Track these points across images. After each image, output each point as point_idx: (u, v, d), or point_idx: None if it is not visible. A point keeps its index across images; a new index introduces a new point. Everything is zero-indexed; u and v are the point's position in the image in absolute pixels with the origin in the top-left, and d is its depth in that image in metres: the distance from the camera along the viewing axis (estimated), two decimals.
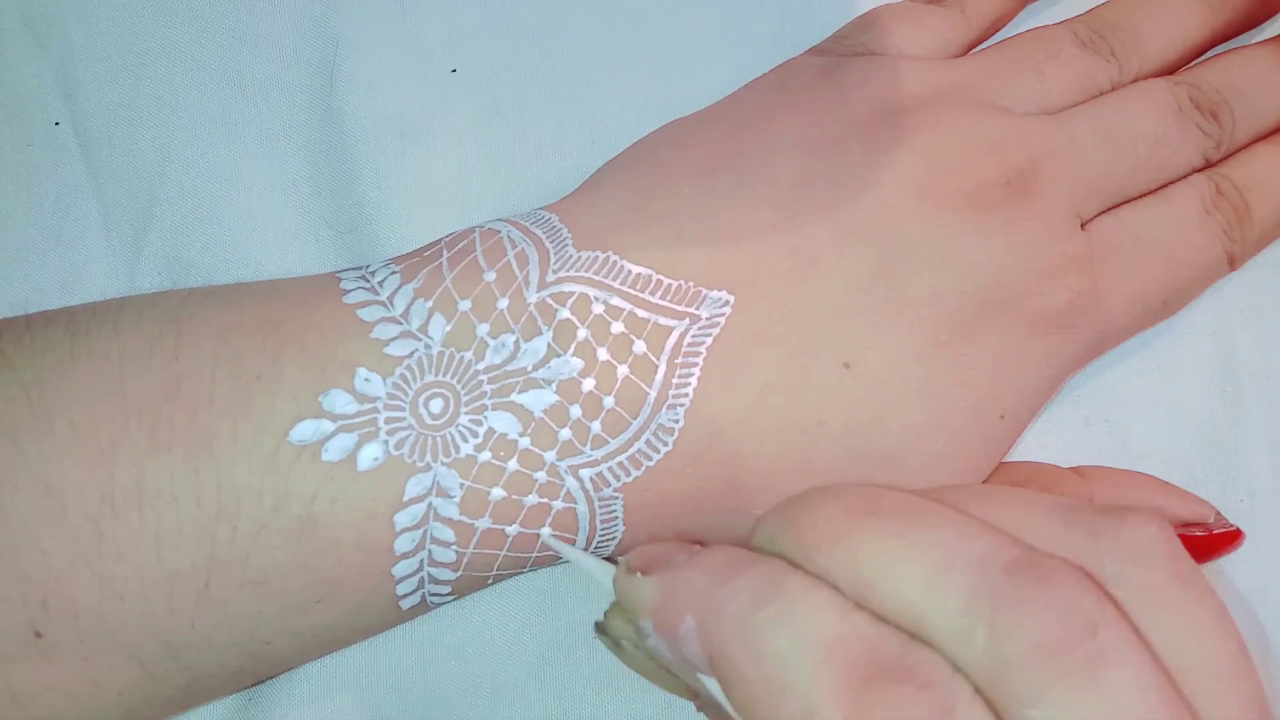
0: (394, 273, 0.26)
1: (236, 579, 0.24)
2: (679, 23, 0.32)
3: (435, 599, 0.26)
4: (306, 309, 0.25)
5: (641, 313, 0.25)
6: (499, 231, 0.26)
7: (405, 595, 0.25)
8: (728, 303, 0.26)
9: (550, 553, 0.26)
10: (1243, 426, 0.31)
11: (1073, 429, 0.31)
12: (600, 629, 0.22)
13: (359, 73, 0.32)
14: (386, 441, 0.24)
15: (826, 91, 0.28)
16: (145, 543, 0.23)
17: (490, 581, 0.26)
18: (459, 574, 0.25)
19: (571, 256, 0.26)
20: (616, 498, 0.25)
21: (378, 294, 0.25)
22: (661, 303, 0.25)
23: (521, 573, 0.26)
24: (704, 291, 0.26)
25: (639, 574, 0.21)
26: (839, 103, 0.28)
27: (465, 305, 0.25)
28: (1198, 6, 0.31)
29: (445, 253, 0.26)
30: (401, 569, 0.24)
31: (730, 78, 0.30)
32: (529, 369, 0.25)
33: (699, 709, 0.23)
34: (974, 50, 0.31)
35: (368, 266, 0.27)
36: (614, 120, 0.32)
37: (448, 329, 0.25)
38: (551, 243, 0.26)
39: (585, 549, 0.26)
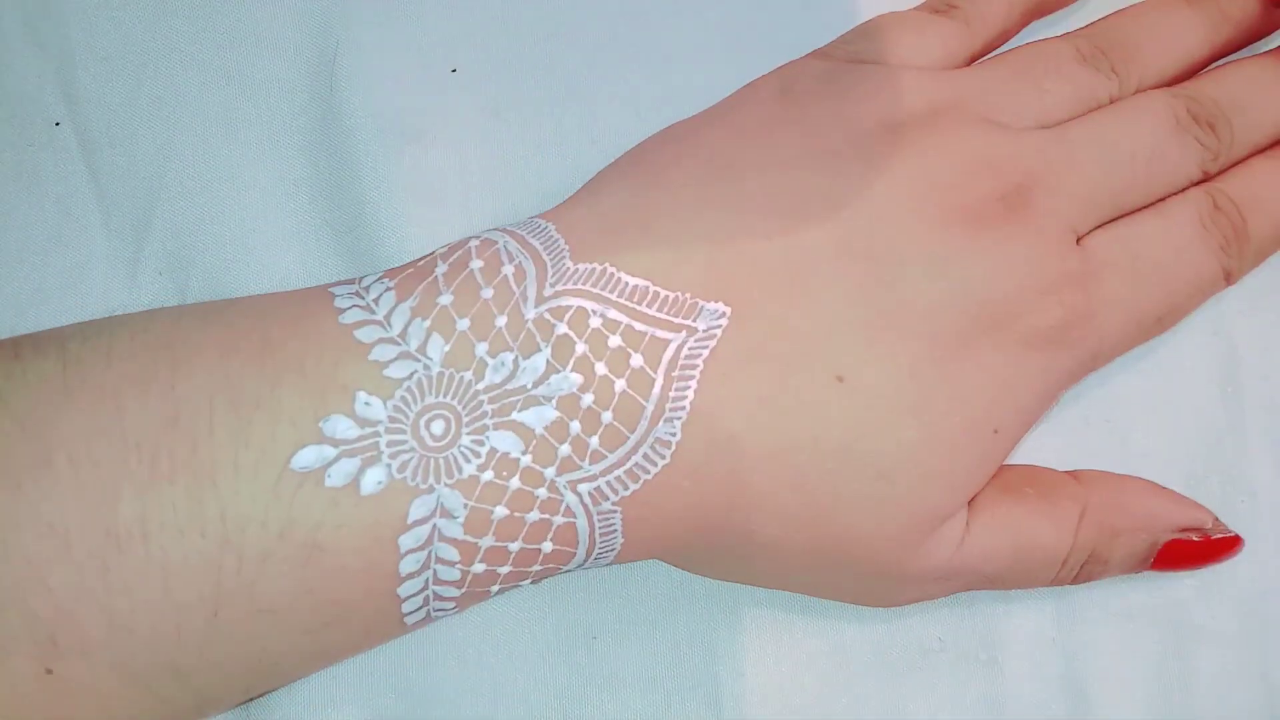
0: (389, 289, 0.26)
1: (244, 607, 0.24)
2: (679, 22, 0.32)
3: (439, 613, 0.26)
4: (303, 329, 0.25)
5: (639, 325, 0.25)
6: (496, 243, 0.26)
7: (410, 613, 0.25)
8: (724, 315, 0.25)
9: (551, 565, 0.26)
10: (1243, 427, 0.31)
11: (1073, 429, 0.31)
12: None
13: (359, 72, 0.32)
14: (389, 465, 0.24)
15: (826, 102, 0.28)
16: (152, 576, 0.23)
17: (494, 593, 0.26)
18: (463, 590, 0.25)
19: (568, 269, 0.26)
20: (615, 511, 0.25)
21: (374, 312, 0.25)
22: (659, 315, 0.25)
23: (521, 585, 0.26)
24: (700, 303, 0.25)
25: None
26: (838, 114, 0.28)
27: (464, 324, 0.25)
28: (1200, 23, 0.31)
29: (440, 265, 0.26)
30: (407, 589, 0.24)
31: (730, 78, 0.30)
32: (529, 386, 0.25)
33: None
34: (977, 62, 0.31)
35: (361, 280, 0.26)
36: (614, 120, 0.32)
37: (446, 349, 0.25)
38: (549, 254, 0.26)
39: (585, 560, 0.26)
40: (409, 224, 0.31)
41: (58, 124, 0.32)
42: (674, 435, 0.25)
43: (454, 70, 0.32)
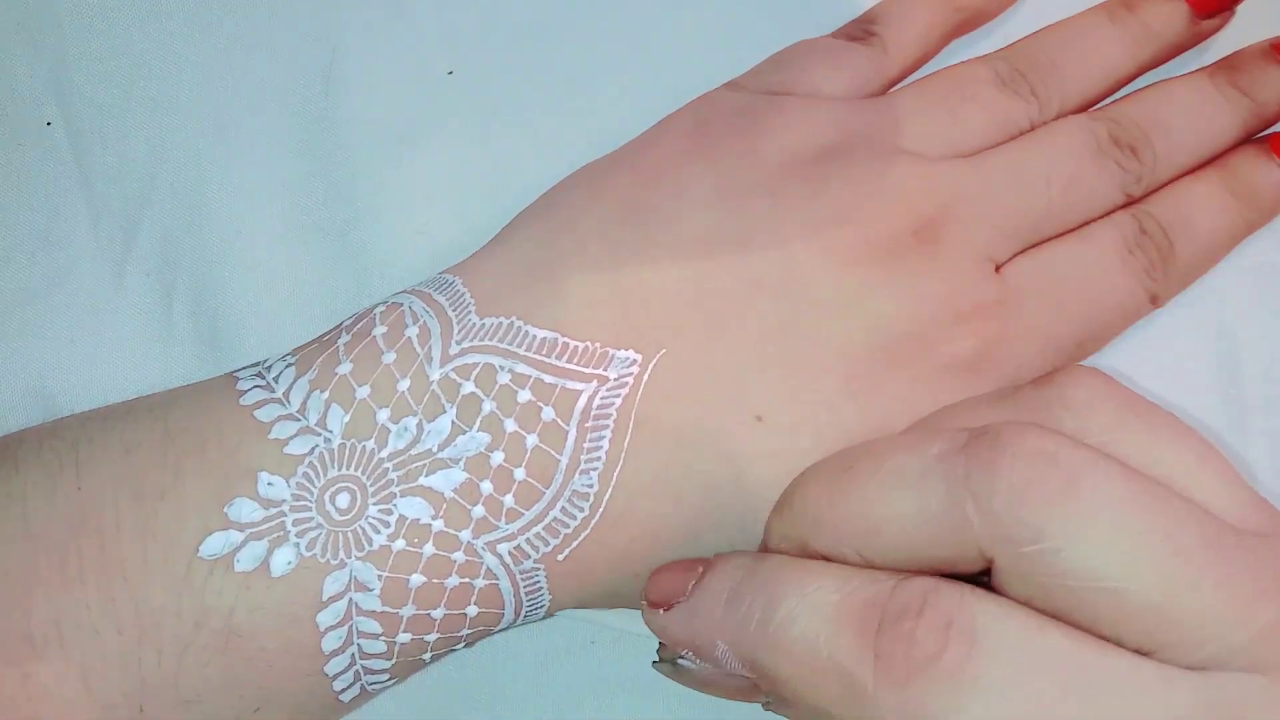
0: (289, 365, 0.26)
1: (170, 699, 0.23)
2: (677, 22, 0.32)
3: (375, 686, 0.25)
4: (203, 416, 0.25)
5: (548, 378, 0.25)
6: (401, 305, 0.26)
7: (343, 690, 0.25)
8: (635, 362, 0.25)
9: (481, 628, 0.25)
10: (1245, 430, 0.30)
11: None
12: (659, 661, 0.25)
13: (354, 74, 0.32)
14: (297, 544, 0.24)
15: (737, 137, 0.28)
16: (72, 678, 0.23)
17: (429, 661, 0.26)
18: (393, 661, 0.25)
19: (474, 325, 0.25)
20: (538, 568, 0.25)
21: (274, 390, 0.25)
22: (568, 366, 0.25)
23: (457, 649, 0.26)
24: (611, 352, 0.25)
25: (660, 611, 0.24)
26: (749, 150, 0.28)
27: (363, 392, 0.25)
28: (1123, 39, 0.30)
29: (343, 336, 0.26)
30: (333, 666, 0.24)
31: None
32: (434, 450, 0.25)
33: (767, 708, 0.24)
34: (893, 89, 0.31)
35: (265, 362, 0.26)
36: (611, 121, 0.31)
37: (346, 420, 0.25)
38: (454, 311, 0.26)
39: (513, 620, 0.26)
40: (402, 227, 0.31)
41: (49, 124, 0.31)
42: (591, 486, 0.25)
43: (450, 72, 0.32)
